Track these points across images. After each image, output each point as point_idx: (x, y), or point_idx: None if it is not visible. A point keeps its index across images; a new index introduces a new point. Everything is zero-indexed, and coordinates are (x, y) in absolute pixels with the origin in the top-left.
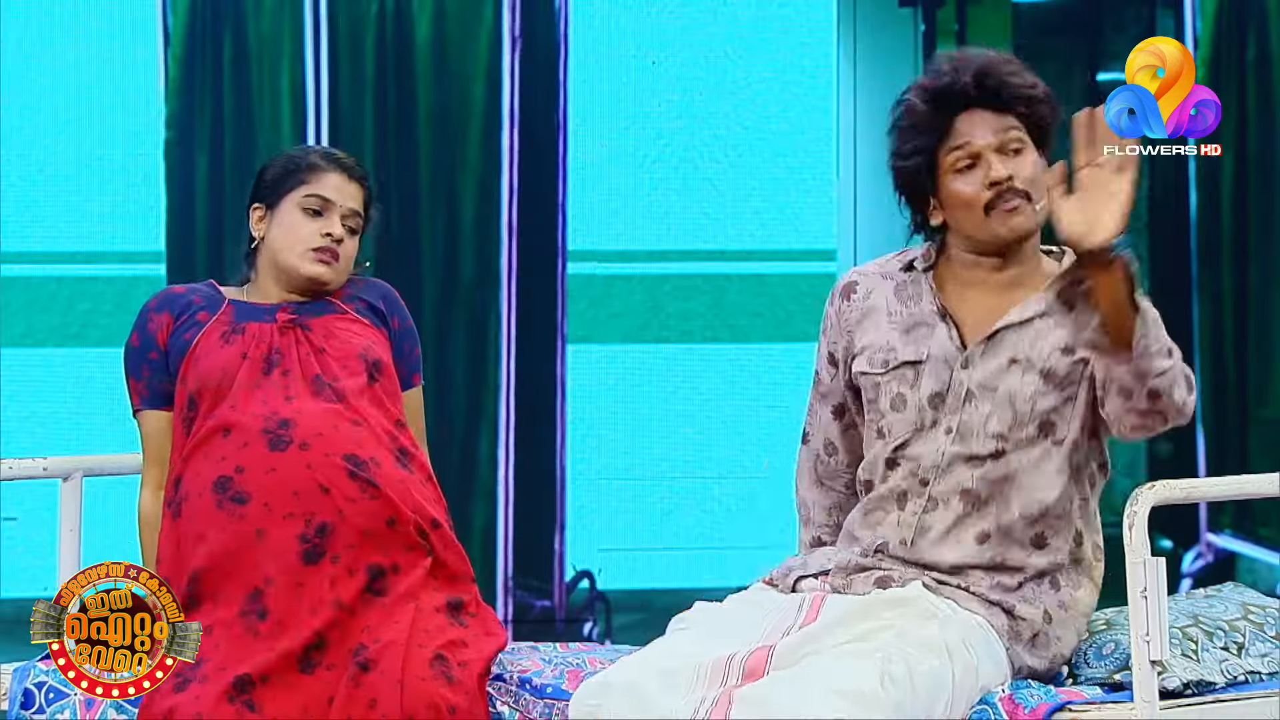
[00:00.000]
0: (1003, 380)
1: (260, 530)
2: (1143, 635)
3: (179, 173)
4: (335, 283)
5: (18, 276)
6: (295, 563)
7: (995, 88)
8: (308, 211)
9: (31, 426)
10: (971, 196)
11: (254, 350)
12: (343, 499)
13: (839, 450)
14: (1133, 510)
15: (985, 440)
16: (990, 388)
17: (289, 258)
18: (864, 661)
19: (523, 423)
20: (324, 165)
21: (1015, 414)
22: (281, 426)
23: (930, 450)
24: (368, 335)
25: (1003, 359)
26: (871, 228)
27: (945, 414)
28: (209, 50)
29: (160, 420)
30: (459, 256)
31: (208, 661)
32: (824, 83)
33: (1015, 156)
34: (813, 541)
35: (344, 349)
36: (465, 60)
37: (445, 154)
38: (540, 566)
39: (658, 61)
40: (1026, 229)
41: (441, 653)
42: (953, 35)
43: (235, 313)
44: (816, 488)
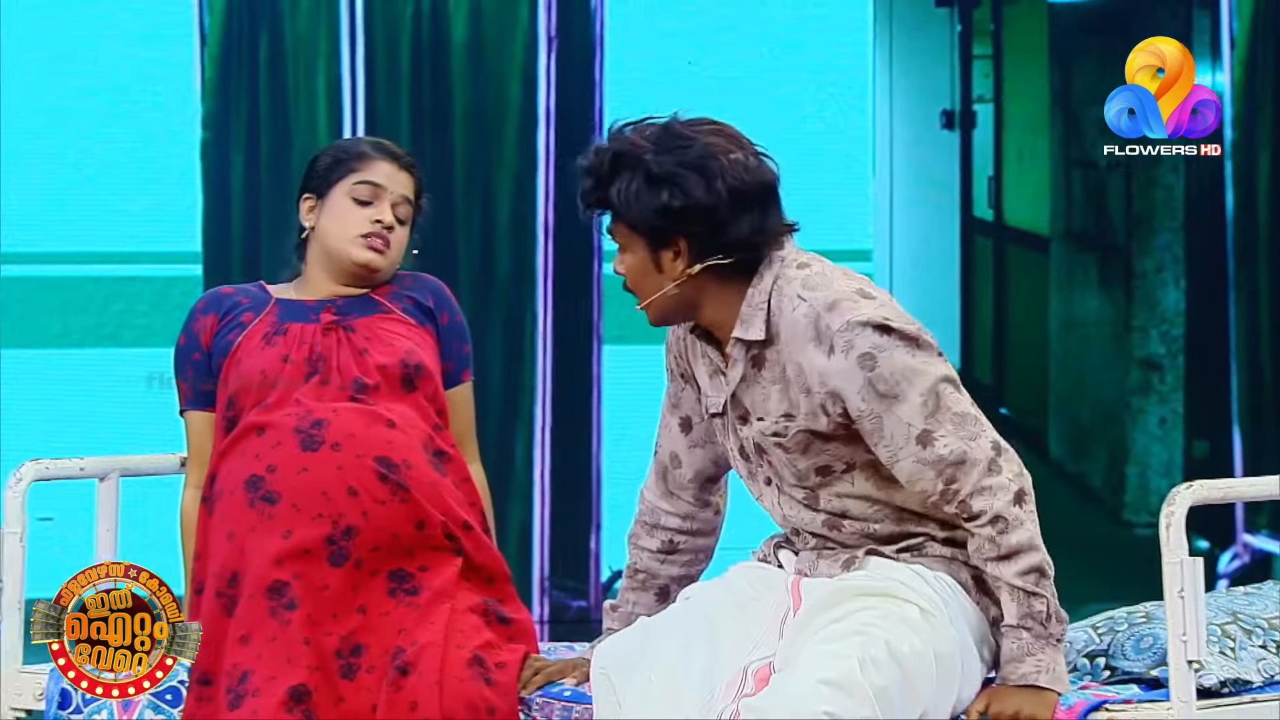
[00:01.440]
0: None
1: (288, 531)
2: (1180, 635)
3: (215, 173)
4: (386, 271)
5: (54, 277)
6: (322, 564)
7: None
8: (358, 199)
9: (68, 427)
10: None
11: (296, 353)
12: (370, 501)
13: (682, 464)
14: (1170, 510)
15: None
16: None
17: (340, 244)
18: (843, 644)
19: (558, 423)
20: (374, 154)
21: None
22: (314, 426)
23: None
24: (413, 337)
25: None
26: (907, 228)
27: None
28: (245, 50)
29: (203, 421)
30: (495, 256)
31: (254, 674)
32: (860, 83)
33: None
34: (661, 546)
35: (387, 352)
36: (501, 60)
37: (481, 154)
38: (576, 566)
39: (694, 61)
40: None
41: (479, 654)
42: (989, 35)
43: (280, 313)
44: (666, 499)
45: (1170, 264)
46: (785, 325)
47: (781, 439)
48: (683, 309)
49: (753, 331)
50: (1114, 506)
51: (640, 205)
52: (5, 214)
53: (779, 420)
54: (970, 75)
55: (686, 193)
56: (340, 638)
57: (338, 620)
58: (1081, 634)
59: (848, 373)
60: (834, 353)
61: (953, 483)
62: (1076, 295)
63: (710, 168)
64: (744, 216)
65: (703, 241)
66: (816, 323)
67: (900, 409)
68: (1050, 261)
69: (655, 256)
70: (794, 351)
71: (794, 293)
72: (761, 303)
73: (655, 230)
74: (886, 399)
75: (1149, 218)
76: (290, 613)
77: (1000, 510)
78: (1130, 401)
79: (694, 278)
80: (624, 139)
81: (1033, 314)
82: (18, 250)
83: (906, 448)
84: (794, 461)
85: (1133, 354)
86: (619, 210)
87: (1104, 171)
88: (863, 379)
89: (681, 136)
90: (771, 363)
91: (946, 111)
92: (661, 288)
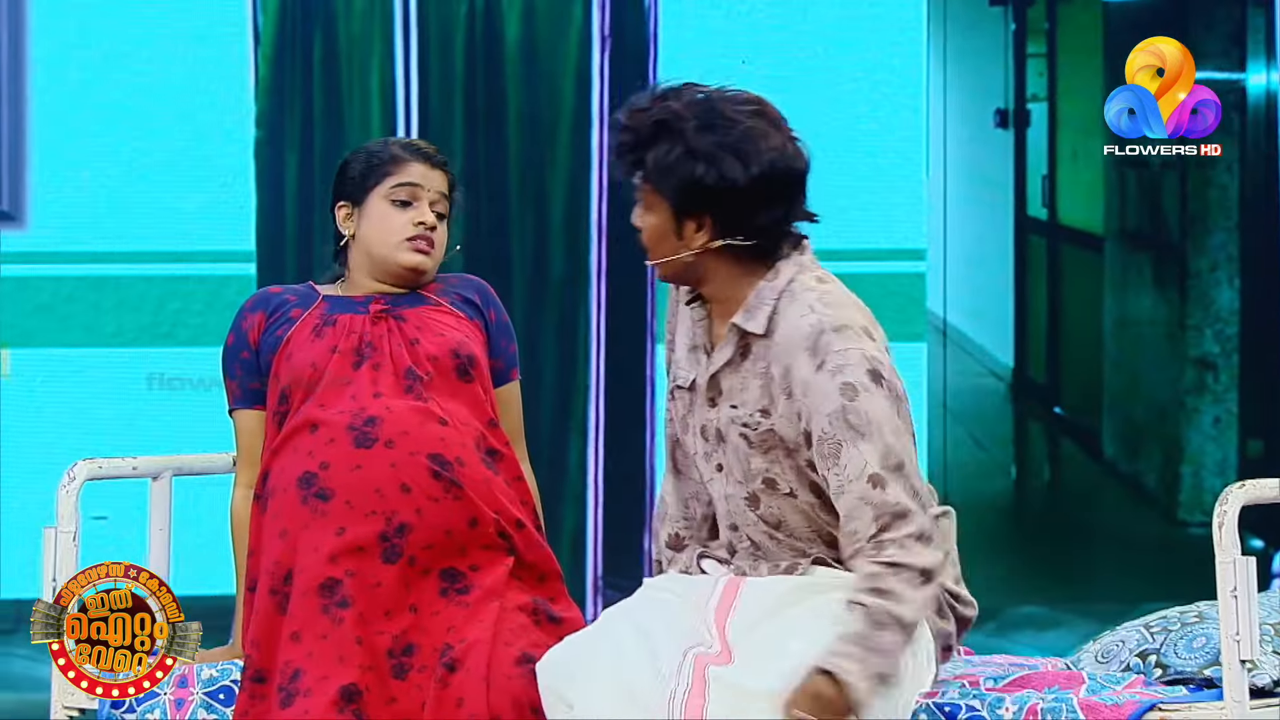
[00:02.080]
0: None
1: (342, 528)
2: (1233, 634)
3: (269, 172)
4: (431, 271)
5: (109, 276)
6: (375, 562)
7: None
8: (396, 203)
9: (121, 426)
10: None
11: (344, 343)
12: (424, 498)
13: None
14: (1222, 510)
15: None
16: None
17: (384, 250)
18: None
19: (612, 424)
20: (406, 155)
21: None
22: (368, 424)
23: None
24: (463, 328)
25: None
26: (961, 227)
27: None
28: (299, 50)
29: (252, 419)
30: (548, 256)
31: (306, 673)
32: (913, 82)
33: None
34: (670, 540)
35: (438, 342)
36: (555, 59)
37: (535, 153)
38: (630, 567)
39: (748, 61)
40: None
41: (528, 652)
42: (1043, 34)
43: (328, 307)
44: (672, 476)
45: (1224, 263)
46: (786, 327)
47: (749, 431)
48: (691, 277)
49: (754, 324)
50: (1168, 506)
51: (674, 176)
52: (60, 213)
53: (753, 414)
54: (1024, 74)
55: (722, 173)
56: (393, 637)
57: (390, 618)
58: (1134, 633)
59: (827, 393)
60: (822, 369)
61: (885, 530)
62: (1131, 294)
63: (748, 152)
64: (773, 203)
65: (728, 220)
66: (819, 338)
67: (863, 446)
68: (1104, 261)
69: (678, 224)
70: (785, 354)
71: (807, 302)
72: (771, 299)
73: (683, 201)
74: (854, 431)
75: (1203, 217)
76: (342, 610)
77: (897, 587)
78: (1184, 401)
79: (711, 252)
80: (667, 108)
81: (1087, 313)
82: (72, 249)
83: (857, 483)
84: (749, 458)
85: (1187, 353)
86: (651, 175)
87: (1158, 171)
88: (838, 404)
89: (725, 117)
90: (759, 357)
91: (1000, 110)
92: (677, 253)
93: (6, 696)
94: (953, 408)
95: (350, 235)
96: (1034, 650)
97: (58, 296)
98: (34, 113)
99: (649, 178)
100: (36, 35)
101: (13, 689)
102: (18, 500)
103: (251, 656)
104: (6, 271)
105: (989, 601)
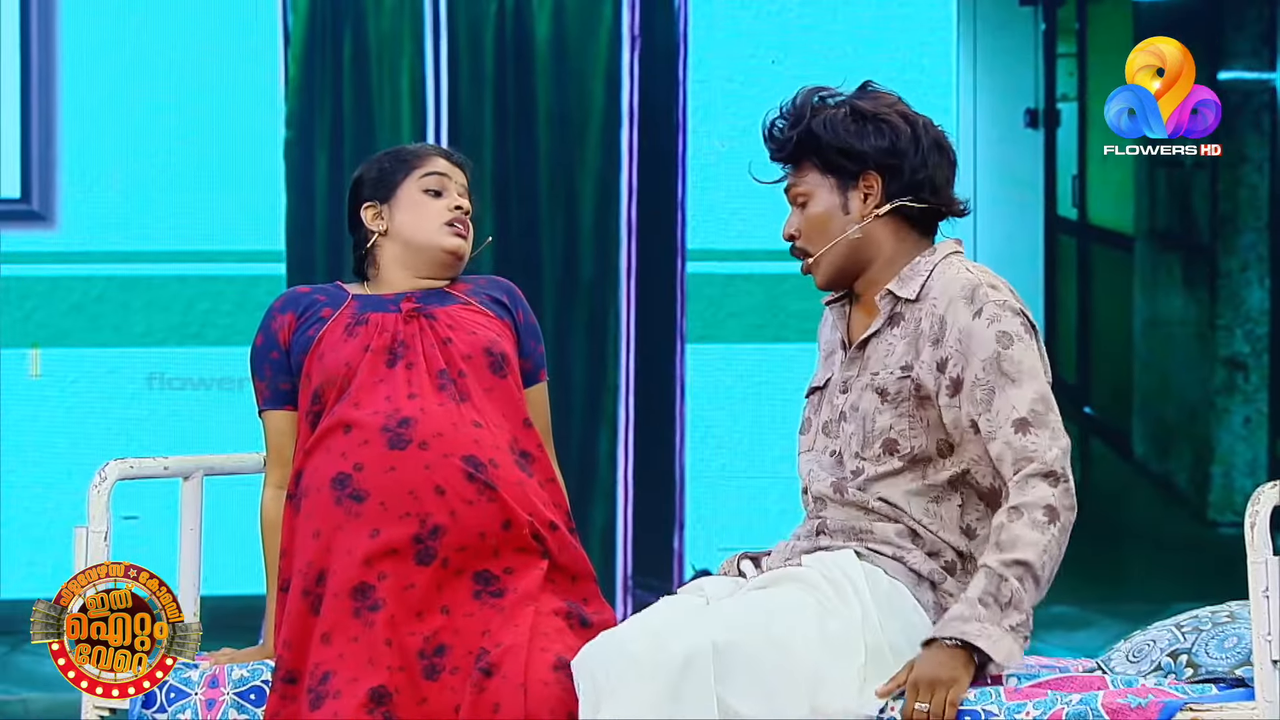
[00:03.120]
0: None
1: (375, 530)
2: (1264, 635)
3: (299, 172)
4: (466, 258)
5: (139, 276)
6: (409, 563)
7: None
8: (429, 192)
9: (152, 425)
10: None
11: (377, 341)
12: (458, 500)
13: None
14: (1254, 510)
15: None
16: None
17: (425, 235)
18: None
19: (642, 422)
20: (427, 150)
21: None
22: (402, 425)
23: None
24: (493, 327)
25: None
26: (991, 227)
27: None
28: (329, 49)
29: (282, 420)
30: (578, 256)
31: (335, 675)
32: (943, 82)
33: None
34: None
35: (470, 341)
36: (585, 59)
37: (564, 153)
38: (660, 566)
39: (778, 60)
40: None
41: (563, 656)
42: (1073, 34)
43: (359, 306)
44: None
45: (1255, 263)
46: (940, 285)
47: (887, 383)
48: (853, 263)
49: (907, 289)
50: (1198, 506)
51: (845, 133)
52: (90, 213)
53: (894, 371)
54: (1054, 74)
55: (893, 129)
56: (424, 638)
57: (421, 620)
58: (1165, 632)
59: (984, 340)
60: (980, 316)
61: (1018, 472)
62: (1161, 295)
63: (914, 119)
64: (940, 165)
65: (896, 180)
66: (976, 290)
67: (1014, 392)
68: (1134, 261)
69: (844, 197)
70: (939, 306)
71: (964, 266)
72: (926, 268)
73: (851, 162)
74: (1006, 377)
75: (1233, 217)
76: (374, 613)
77: (1025, 504)
78: (1215, 401)
79: (878, 221)
80: (820, 97)
81: (1117, 313)
82: (102, 249)
83: (1005, 428)
84: (876, 417)
85: (1217, 353)
86: (818, 142)
87: (1188, 171)
88: (994, 350)
89: (875, 95)
90: (908, 320)
91: (1030, 110)
92: (844, 230)
93: (39, 696)
94: None
95: (381, 232)
96: (1064, 651)
97: (88, 296)
98: (64, 113)
99: (813, 151)
100: (66, 35)
101: (45, 688)
102: (51, 500)
103: (284, 657)
104: (37, 271)
105: None
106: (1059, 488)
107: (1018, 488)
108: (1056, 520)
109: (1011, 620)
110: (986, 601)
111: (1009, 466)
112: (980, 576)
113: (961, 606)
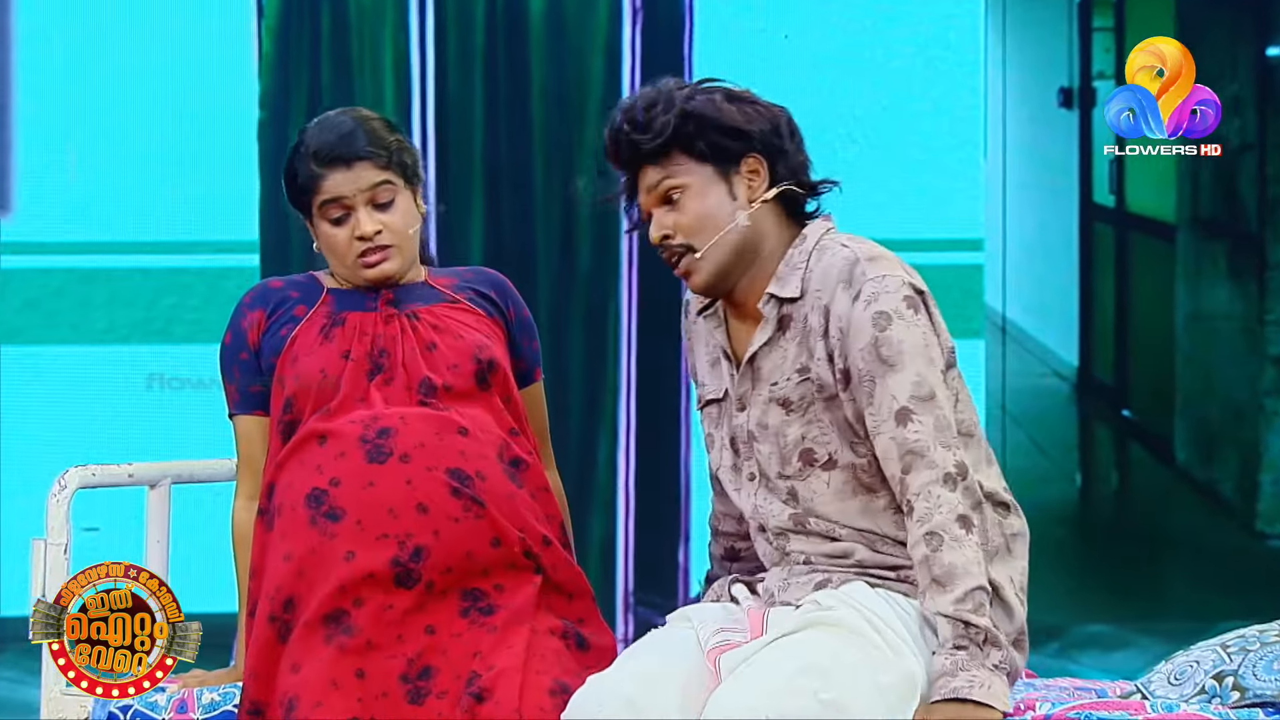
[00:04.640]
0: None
1: (351, 553)
2: None
3: (273, 155)
4: (405, 263)
5: (100, 268)
6: (386, 586)
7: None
8: (331, 221)
9: (116, 430)
10: None
11: (357, 348)
12: (443, 518)
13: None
14: None
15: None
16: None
17: (343, 271)
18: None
19: (644, 425)
20: (318, 170)
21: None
22: (381, 435)
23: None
24: (482, 328)
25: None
26: (1022, 214)
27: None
28: (306, 22)
29: (254, 426)
30: (576, 244)
31: (302, 702)
32: (971, 58)
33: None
34: (724, 553)
35: (456, 345)
36: (583, 33)
37: (561, 134)
38: (663, 581)
39: (790, 35)
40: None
41: (561, 680)
42: (1110, 7)
43: (335, 302)
44: (719, 497)
45: None
46: (819, 274)
47: (789, 393)
48: (739, 256)
49: (788, 289)
50: (1246, 516)
51: (721, 114)
52: (47, 200)
53: (791, 378)
54: (1090, 50)
55: (769, 111)
56: (407, 660)
57: (403, 642)
58: (1210, 653)
59: (861, 325)
60: (857, 300)
61: (906, 473)
62: (1205, 287)
63: (770, 104)
64: (798, 147)
65: (781, 163)
66: (853, 268)
67: (892, 379)
68: (1176, 251)
69: (728, 183)
70: (822, 296)
71: (839, 243)
72: (800, 261)
73: (737, 143)
74: (885, 364)
75: None
76: (347, 638)
77: (939, 525)
78: (1264, 403)
79: (765, 208)
80: (671, 90)
81: (1157, 307)
82: (61, 239)
83: (887, 422)
84: (786, 430)
85: (1266, 350)
86: (700, 124)
87: (1234, 154)
88: (870, 336)
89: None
90: (796, 320)
91: (1064, 89)
92: (734, 219)
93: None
94: (1012, 410)
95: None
96: (1100, 674)
97: (45, 290)
98: (19, 92)
99: (686, 139)
100: (22, 6)
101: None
102: (4, 510)
103: (249, 686)
104: None
105: (1052, 619)
106: (959, 490)
107: (920, 500)
108: (973, 526)
109: (993, 659)
110: (963, 645)
111: (895, 464)
112: (944, 626)
113: (943, 659)
